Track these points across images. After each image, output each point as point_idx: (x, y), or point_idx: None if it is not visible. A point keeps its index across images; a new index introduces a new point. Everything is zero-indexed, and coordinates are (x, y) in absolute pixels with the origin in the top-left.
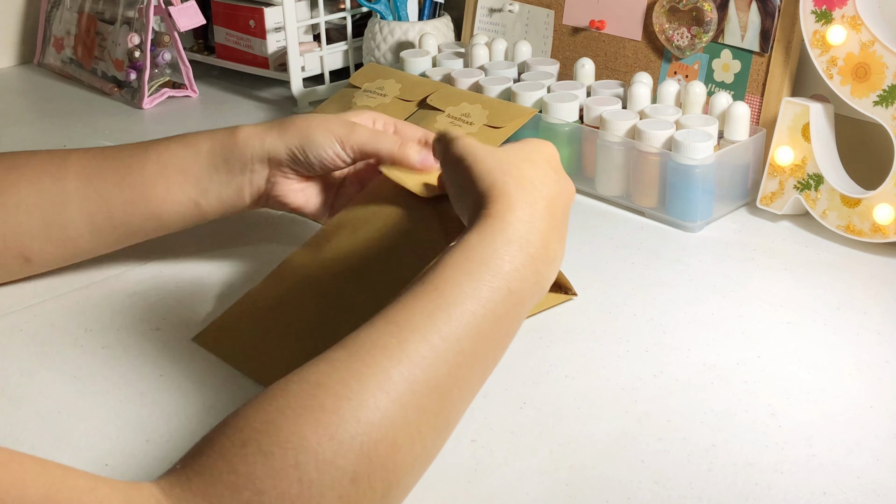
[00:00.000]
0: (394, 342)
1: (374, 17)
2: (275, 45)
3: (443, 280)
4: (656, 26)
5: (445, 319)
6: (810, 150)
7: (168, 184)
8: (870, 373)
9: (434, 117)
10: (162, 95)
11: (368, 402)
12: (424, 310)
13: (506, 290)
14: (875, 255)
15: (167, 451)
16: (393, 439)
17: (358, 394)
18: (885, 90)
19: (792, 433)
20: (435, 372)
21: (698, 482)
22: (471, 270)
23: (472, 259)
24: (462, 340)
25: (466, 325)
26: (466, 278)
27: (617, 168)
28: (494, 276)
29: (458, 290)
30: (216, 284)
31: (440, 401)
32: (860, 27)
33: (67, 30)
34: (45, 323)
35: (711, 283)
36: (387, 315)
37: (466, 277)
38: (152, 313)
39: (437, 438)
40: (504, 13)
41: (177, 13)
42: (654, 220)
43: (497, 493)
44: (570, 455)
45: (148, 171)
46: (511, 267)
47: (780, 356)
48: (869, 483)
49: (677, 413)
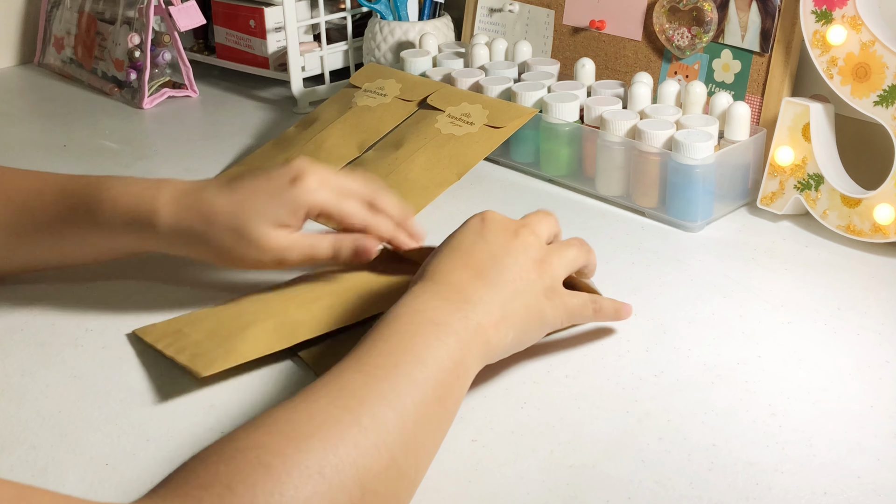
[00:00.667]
0: (349, 417)
1: (375, 17)
2: (275, 45)
3: (379, 374)
4: (656, 26)
5: (394, 388)
6: (810, 150)
7: (90, 255)
8: (870, 373)
9: (434, 117)
10: (162, 95)
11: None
12: (367, 396)
13: (451, 370)
14: (875, 255)
15: (167, 451)
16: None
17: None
18: (886, 90)
19: (792, 433)
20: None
21: (698, 482)
22: (417, 358)
23: (410, 350)
24: (417, 413)
25: (417, 406)
26: (413, 364)
27: (617, 168)
28: (436, 367)
29: (404, 377)
30: (217, 284)
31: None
32: (860, 27)
33: (67, 30)
34: (45, 323)
35: (712, 283)
36: (338, 383)
37: (413, 363)
38: (153, 314)
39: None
40: (504, 13)
41: (177, 13)
42: (655, 220)
43: (497, 493)
44: (571, 455)
45: (70, 249)
46: (457, 356)
47: (780, 356)
48: (869, 483)
49: (677, 413)
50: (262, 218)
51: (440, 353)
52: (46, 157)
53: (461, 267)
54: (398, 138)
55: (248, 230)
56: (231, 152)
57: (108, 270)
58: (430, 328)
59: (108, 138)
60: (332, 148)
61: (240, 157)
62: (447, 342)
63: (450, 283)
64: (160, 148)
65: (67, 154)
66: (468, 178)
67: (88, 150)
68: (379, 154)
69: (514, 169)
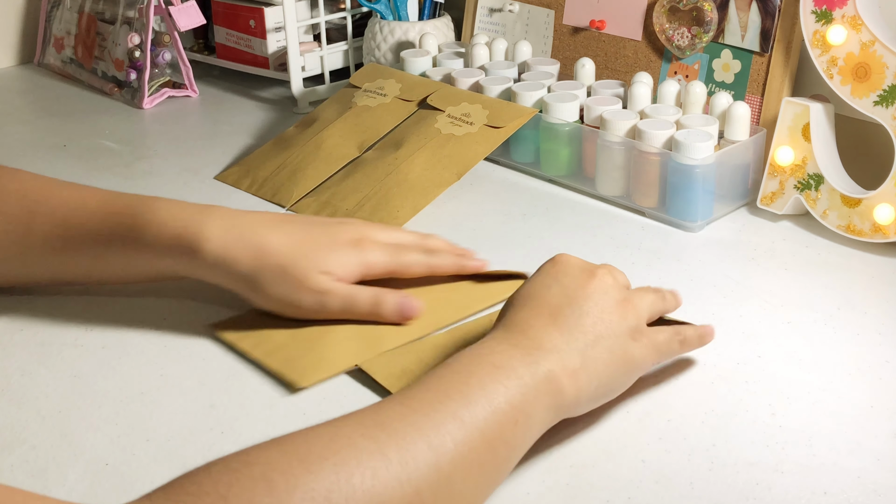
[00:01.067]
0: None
1: (375, 16)
2: (275, 45)
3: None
4: (656, 26)
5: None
6: (810, 150)
7: (131, 276)
8: (870, 373)
9: (434, 117)
10: (162, 95)
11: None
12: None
13: (512, 418)
14: (875, 255)
15: (167, 450)
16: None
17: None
18: (886, 90)
19: (792, 433)
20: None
21: (699, 482)
22: (482, 377)
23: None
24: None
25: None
26: (477, 383)
27: (617, 168)
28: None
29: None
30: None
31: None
32: (860, 27)
33: (67, 30)
34: (45, 323)
35: (712, 282)
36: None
37: (478, 383)
38: (153, 313)
39: None
40: (504, 13)
41: (177, 13)
42: (655, 220)
43: (497, 492)
44: (571, 454)
45: (110, 265)
46: (516, 392)
47: (780, 356)
48: (869, 483)
49: (677, 413)
50: (314, 263)
51: (496, 395)
52: (46, 157)
53: (535, 314)
54: (398, 138)
55: (295, 269)
56: (231, 152)
57: None
58: (488, 370)
59: (108, 138)
60: (331, 148)
61: (240, 157)
62: (507, 385)
63: (521, 329)
64: (160, 148)
65: (67, 154)
66: (468, 178)
67: (88, 150)
68: (379, 154)
69: (514, 169)
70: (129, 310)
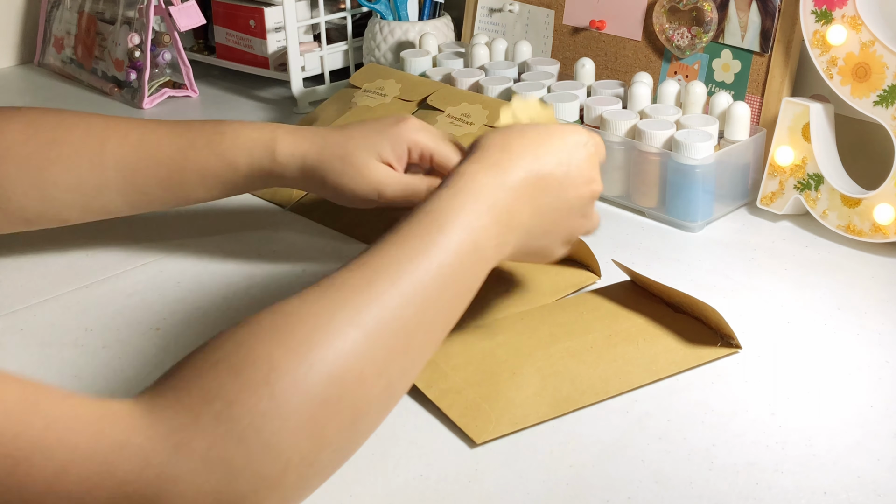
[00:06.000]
0: (364, 283)
1: (375, 17)
2: (275, 45)
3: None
4: (656, 26)
5: (413, 268)
6: (810, 150)
7: (208, 190)
8: (870, 373)
9: (434, 117)
10: (162, 95)
11: (338, 332)
12: (395, 257)
13: (471, 245)
14: (875, 255)
15: None
16: (360, 370)
17: (328, 324)
18: (885, 90)
19: (792, 433)
20: (402, 314)
21: (698, 482)
22: (441, 224)
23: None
24: (428, 288)
25: (433, 273)
26: (437, 230)
27: (617, 168)
28: (462, 231)
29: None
30: (217, 284)
31: (406, 342)
32: (860, 27)
33: (67, 30)
34: (45, 323)
35: (711, 283)
36: (361, 259)
37: (437, 230)
38: (152, 313)
39: (401, 378)
40: (504, 13)
41: (177, 13)
42: (655, 220)
43: (497, 493)
44: (571, 455)
45: (188, 179)
46: (478, 224)
47: (780, 356)
48: (869, 483)
49: (677, 413)
50: (368, 150)
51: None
52: None
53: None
54: None
55: (353, 158)
56: None
57: (108, 270)
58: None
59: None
60: None
61: None
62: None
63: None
64: None
65: None
66: None
67: None
68: None
69: None
70: (129, 310)
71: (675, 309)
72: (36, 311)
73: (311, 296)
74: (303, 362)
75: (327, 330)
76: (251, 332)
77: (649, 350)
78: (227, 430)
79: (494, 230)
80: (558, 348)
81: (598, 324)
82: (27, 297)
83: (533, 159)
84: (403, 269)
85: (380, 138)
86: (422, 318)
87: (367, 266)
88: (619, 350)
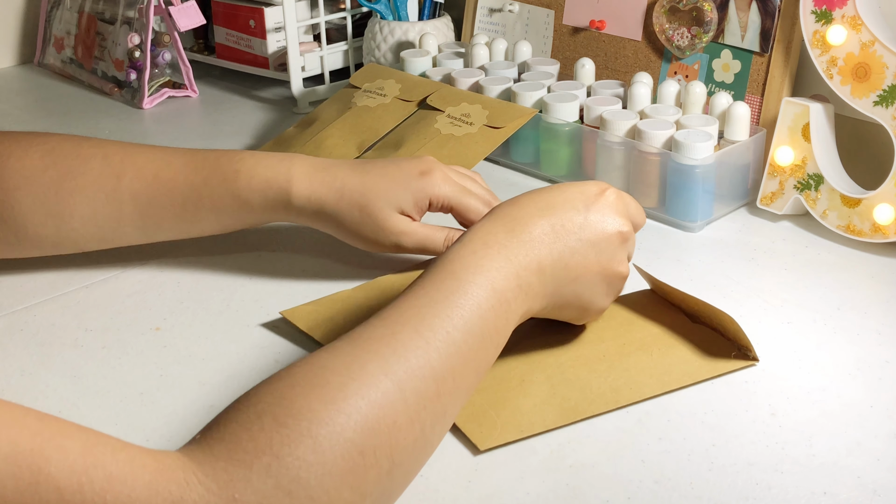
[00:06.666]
0: (389, 334)
1: (374, 17)
2: (275, 45)
3: (434, 286)
4: (656, 26)
5: (434, 317)
6: (810, 150)
7: (223, 225)
8: (870, 373)
9: (434, 117)
10: (162, 95)
11: (370, 382)
12: (418, 308)
13: (493, 296)
14: (875, 255)
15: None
16: (394, 418)
17: (360, 375)
18: (885, 90)
19: (792, 433)
20: (428, 361)
21: (698, 482)
22: (461, 279)
23: (462, 267)
24: (451, 334)
25: (457, 324)
26: (457, 286)
27: (617, 168)
28: (483, 286)
29: (446, 292)
30: (216, 284)
31: (436, 388)
32: (860, 27)
33: (67, 30)
34: (45, 323)
35: (711, 283)
36: (384, 312)
37: (457, 286)
38: (152, 313)
39: (434, 424)
40: (504, 13)
41: (177, 13)
42: (655, 220)
43: (497, 492)
44: (571, 454)
45: (202, 216)
46: (499, 276)
47: (780, 356)
48: (869, 483)
49: (677, 413)
50: (387, 201)
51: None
52: None
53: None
54: (398, 139)
55: (372, 209)
56: None
57: (108, 270)
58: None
59: (109, 137)
60: (331, 148)
61: None
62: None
63: (513, 216)
64: None
65: None
66: None
67: None
68: (378, 154)
69: (514, 169)
70: (129, 310)
71: (693, 318)
72: (36, 311)
73: (339, 349)
74: (340, 413)
75: (360, 380)
76: (288, 385)
77: (663, 360)
78: (276, 483)
79: (515, 282)
80: (570, 356)
81: (613, 332)
82: (27, 297)
83: (548, 208)
84: (425, 319)
85: (401, 190)
86: (449, 364)
87: (389, 319)
88: (632, 360)
